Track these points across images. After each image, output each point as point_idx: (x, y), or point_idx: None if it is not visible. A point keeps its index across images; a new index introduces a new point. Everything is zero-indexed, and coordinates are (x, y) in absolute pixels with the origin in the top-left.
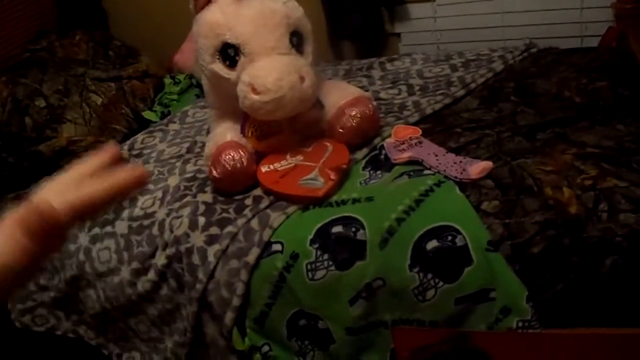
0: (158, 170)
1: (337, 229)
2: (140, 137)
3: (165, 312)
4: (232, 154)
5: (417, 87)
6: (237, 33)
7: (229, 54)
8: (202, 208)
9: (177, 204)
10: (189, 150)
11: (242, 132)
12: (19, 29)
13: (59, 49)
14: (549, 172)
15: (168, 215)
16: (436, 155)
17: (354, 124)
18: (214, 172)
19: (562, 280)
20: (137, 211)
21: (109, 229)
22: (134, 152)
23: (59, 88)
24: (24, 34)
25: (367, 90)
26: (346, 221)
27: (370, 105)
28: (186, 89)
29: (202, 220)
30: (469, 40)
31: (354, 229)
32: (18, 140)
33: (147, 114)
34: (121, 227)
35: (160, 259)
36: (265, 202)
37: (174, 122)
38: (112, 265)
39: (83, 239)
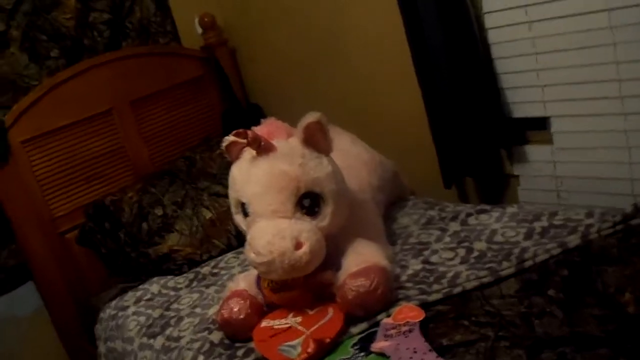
0: (212, 296)
1: None
2: (228, 256)
3: None
4: (233, 304)
5: (475, 254)
6: (245, 193)
7: (244, 209)
8: (206, 346)
9: (197, 335)
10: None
11: (258, 281)
12: (184, 135)
13: (199, 161)
14: None
15: (187, 344)
16: (414, 353)
17: (350, 297)
18: (218, 317)
19: None
20: (175, 332)
21: (151, 341)
22: (214, 270)
23: (177, 200)
24: (190, 140)
25: (426, 249)
26: None
27: (376, 279)
28: None
29: (200, 358)
30: (592, 192)
31: None
32: (137, 240)
33: None
34: (158, 342)
35: None
36: (250, 358)
37: None
38: None
39: (136, 343)
